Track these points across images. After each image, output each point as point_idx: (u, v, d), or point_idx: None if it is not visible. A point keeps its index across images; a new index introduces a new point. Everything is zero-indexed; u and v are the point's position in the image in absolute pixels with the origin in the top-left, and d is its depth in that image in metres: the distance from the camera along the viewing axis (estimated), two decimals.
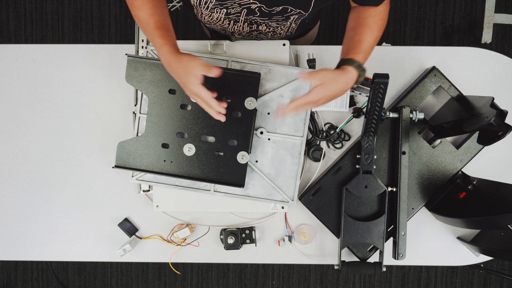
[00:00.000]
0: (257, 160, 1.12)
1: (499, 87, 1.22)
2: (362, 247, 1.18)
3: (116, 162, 1.11)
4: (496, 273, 1.96)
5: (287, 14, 0.95)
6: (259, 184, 1.13)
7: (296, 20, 1.02)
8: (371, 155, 1.12)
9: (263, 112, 1.12)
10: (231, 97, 1.09)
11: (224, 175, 1.09)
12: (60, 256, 1.26)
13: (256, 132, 1.11)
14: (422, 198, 1.18)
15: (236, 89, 1.09)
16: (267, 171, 1.13)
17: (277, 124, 1.12)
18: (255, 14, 0.96)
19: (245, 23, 1.03)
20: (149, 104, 1.10)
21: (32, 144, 1.25)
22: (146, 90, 1.10)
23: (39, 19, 2.12)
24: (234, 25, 1.05)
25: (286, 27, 1.07)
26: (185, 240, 1.22)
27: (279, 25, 1.05)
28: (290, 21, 1.02)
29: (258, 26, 1.05)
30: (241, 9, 0.94)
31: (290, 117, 1.11)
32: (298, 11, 0.93)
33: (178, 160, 1.10)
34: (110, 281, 2.20)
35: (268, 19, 0.98)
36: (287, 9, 0.91)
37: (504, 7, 2.09)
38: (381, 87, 0.98)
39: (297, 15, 0.96)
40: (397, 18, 2.09)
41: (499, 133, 0.97)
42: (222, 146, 1.09)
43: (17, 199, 1.26)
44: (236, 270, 2.18)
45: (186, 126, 1.10)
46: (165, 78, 1.09)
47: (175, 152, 1.10)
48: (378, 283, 2.18)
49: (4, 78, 1.24)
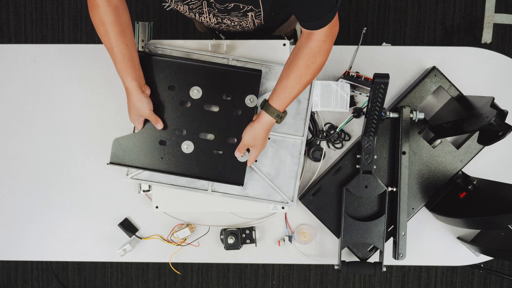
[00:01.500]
0: (256, 160, 1.12)
1: (499, 87, 1.22)
2: (362, 247, 1.18)
3: (111, 159, 1.09)
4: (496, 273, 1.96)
5: (243, 11, 0.95)
6: (258, 184, 1.13)
7: (257, 16, 1.01)
8: (371, 155, 1.12)
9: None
10: (231, 94, 1.09)
11: (223, 174, 1.09)
12: (60, 256, 1.26)
13: None
14: (422, 198, 1.18)
15: (237, 86, 1.08)
16: (267, 171, 1.13)
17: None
18: (214, 9, 0.96)
19: (210, 14, 1.03)
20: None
21: (32, 144, 1.25)
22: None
23: (39, 19, 2.12)
24: (200, 16, 1.05)
25: (250, 22, 1.05)
26: (185, 240, 1.22)
27: (242, 20, 1.04)
28: (251, 17, 1.01)
29: (223, 20, 1.04)
30: (201, 2, 0.95)
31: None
32: (250, 7, 0.93)
33: (176, 158, 1.09)
34: (110, 281, 2.19)
35: (228, 14, 0.98)
36: (238, 6, 0.92)
37: (504, 7, 2.09)
38: (381, 87, 0.98)
39: (252, 12, 0.96)
40: (397, 18, 2.09)
41: (499, 133, 0.97)
42: (222, 144, 1.09)
43: (17, 199, 1.26)
44: (236, 270, 2.18)
45: (185, 123, 1.09)
46: (165, 74, 1.09)
47: (173, 149, 1.09)
48: (378, 283, 2.18)
49: (4, 78, 1.24)
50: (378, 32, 2.10)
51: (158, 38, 1.16)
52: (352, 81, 1.17)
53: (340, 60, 1.22)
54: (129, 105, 1.03)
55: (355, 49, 1.20)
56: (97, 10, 0.90)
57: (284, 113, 0.97)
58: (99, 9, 0.90)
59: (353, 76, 1.17)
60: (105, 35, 0.92)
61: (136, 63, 0.99)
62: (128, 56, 0.95)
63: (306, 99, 1.14)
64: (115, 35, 0.92)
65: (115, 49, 0.93)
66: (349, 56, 1.21)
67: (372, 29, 2.10)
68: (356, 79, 1.17)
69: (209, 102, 1.10)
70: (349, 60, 1.21)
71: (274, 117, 0.96)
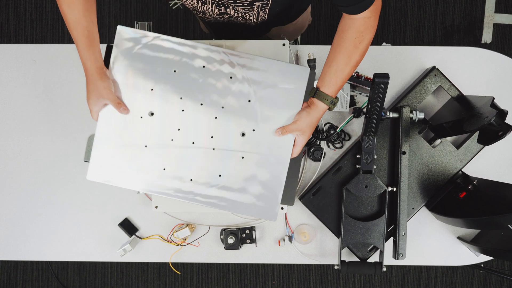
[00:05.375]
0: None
1: (499, 87, 1.22)
2: (362, 247, 1.18)
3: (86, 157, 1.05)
4: (496, 273, 1.96)
5: (249, 1, 0.94)
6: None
7: (263, 8, 0.99)
8: (371, 155, 1.12)
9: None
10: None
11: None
12: (60, 256, 1.26)
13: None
14: (422, 198, 1.18)
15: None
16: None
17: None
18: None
19: (213, 4, 1.01)
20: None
21: (32, 144, 1.25)
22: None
23: (39, 19, 2.12)
24: (202, 5, 1.03)
25: (254, 14, 1.03)
26: (185, 240, 1.22)
27: (246, 11, 1.02)
28: (256, 8, 0.99)
29: (226, 9, 1.03)
30: None
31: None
32: None
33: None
34: (110, 281, 2.19)
35: (234, 2, 0.96)
36: None
37: (504, 7, 2.09)
38: (381, 87, 0.98)
39: (260, 2, 0.95)
40: (397, 18, 2.09)
41: (499, 133, 0.97)
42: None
43: (17, 199, 1.26)
44: (236, 270, 2.18)
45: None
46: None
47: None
48: (378, 283, 2.18)
49: (4, 78, 1.24)
50: (378, 32, 2.09)
51: None
52: (352, 81, 1.17)
53: None
54: (88, 88, 0.94)
55: None
56: None
57: (336, 98, 0.92)
58: None
59: (353, 76, 1.17)
60: (71, 7, 0.86)
61: (97, 43, 0.92)
62: (92, 35, 0.90)
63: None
64: (83, 10, 0.87)
65: (81, 25, 0.87)
66: None
67: None
68: (356, 79, 1.17)
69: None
70: None
71: (327, 104, 0.92)
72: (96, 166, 0.99)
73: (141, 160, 0.99)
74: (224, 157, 0.98)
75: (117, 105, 0.96)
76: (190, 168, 0.99)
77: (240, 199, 0.99)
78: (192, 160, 0.99)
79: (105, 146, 0.99)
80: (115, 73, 0.98)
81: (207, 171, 0.98)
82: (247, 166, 0.99)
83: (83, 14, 0.87)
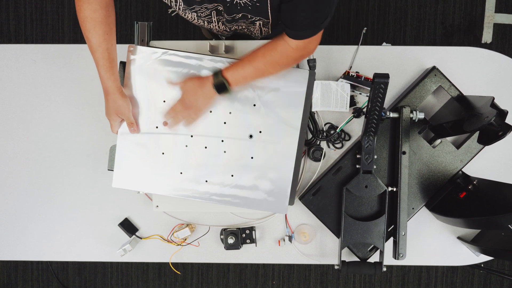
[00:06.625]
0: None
1: (499, 87, 1.22)
2: (362, 247, 1.18)
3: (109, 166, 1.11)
4: (497, 273, 1.96)
5: (250, 20, 0.96)
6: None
7: (265, 25, 1.02)
8: (371, 155, 1.12)
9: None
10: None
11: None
12: (60, 256, 1.26)
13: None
14: (423, 198, 1.18)
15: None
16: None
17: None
18: (223, 17, 0.97)
19: (218, 22, 1.03)
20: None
21: (32, 144, 1.25)
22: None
23: (39, 19, 2.12)
24: (209, 24, 1.06)
25: (257, 29, 1.07)
26: (185, 240, 1.22)
27: (249, 26, 1.05)
28: (258, 25, 1.03)
29: (232, 25, 1.05)
30: (210, 12, 0.96)
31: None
32: (258, 17, 0.94)
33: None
34: (110, 281, 2.19)
35: (235, 23, 0.99)
36: (247, 15, 0.92)
37: (504, 7, 2.09)
38: (381, 87, 0.98)
39: (261, 21, 0.97)
40: (397, 18, 2.09)
41: (499, 133, 0.97)
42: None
43: (17, 199, 1.26)
44: (236, 270, 2.18)
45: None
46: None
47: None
48: (378, 283, 2.18)
49: (4, 78, 1.24)
50: (378, 32, 2.10)
51: (157, 38, 1.16)
52: (352, 81, 1.17)
53: (340, 60, 1.22)
54: (108, 104, 1.01)
55: (355, 49, 1.20)
56: (87, 7, 0.89)
57: (230, 87, 0.97)
58: (90, 6, 0.88)
59: (353, 76, 1.17)
60: (93, 32, 0.91)
61: (116, 63, 0.99)
62: (112, 56, 0.95)
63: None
64: (103, 34, 0.92)
65: (102, 47, 0.93)
66: (349, 56, 1.21)
67: (372, 29, 2.10)
68: (356, 79, 1.17)
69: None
70: (349, 60, 1.21)
71: (216, 81, 0.96)
72: (119, 174, 1.09)
73: (159, 166, 1.08)
74: (235, 159, 1.07)
75: (129, 124, 1.05)
76: (205, 170, 1.08)
77: (252, 196, 1.08)
78: (205, 163, 1.08)
79: (126, 156, 1.09)
80: (129, 89, 1.07)
81: (220, 172, 1.08)
82: (257, 165, 1.08)
83: (103, 38, 0.92)
